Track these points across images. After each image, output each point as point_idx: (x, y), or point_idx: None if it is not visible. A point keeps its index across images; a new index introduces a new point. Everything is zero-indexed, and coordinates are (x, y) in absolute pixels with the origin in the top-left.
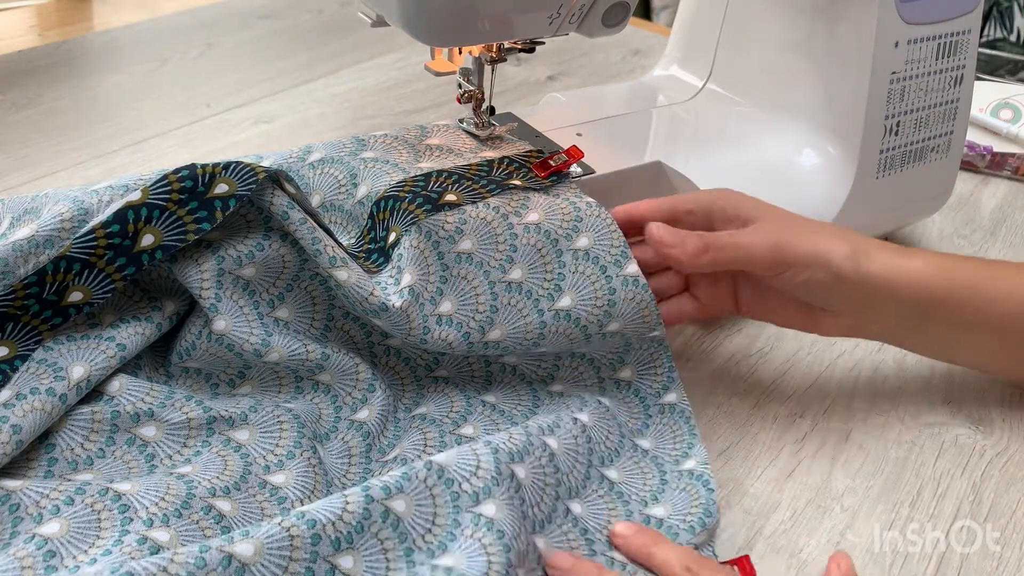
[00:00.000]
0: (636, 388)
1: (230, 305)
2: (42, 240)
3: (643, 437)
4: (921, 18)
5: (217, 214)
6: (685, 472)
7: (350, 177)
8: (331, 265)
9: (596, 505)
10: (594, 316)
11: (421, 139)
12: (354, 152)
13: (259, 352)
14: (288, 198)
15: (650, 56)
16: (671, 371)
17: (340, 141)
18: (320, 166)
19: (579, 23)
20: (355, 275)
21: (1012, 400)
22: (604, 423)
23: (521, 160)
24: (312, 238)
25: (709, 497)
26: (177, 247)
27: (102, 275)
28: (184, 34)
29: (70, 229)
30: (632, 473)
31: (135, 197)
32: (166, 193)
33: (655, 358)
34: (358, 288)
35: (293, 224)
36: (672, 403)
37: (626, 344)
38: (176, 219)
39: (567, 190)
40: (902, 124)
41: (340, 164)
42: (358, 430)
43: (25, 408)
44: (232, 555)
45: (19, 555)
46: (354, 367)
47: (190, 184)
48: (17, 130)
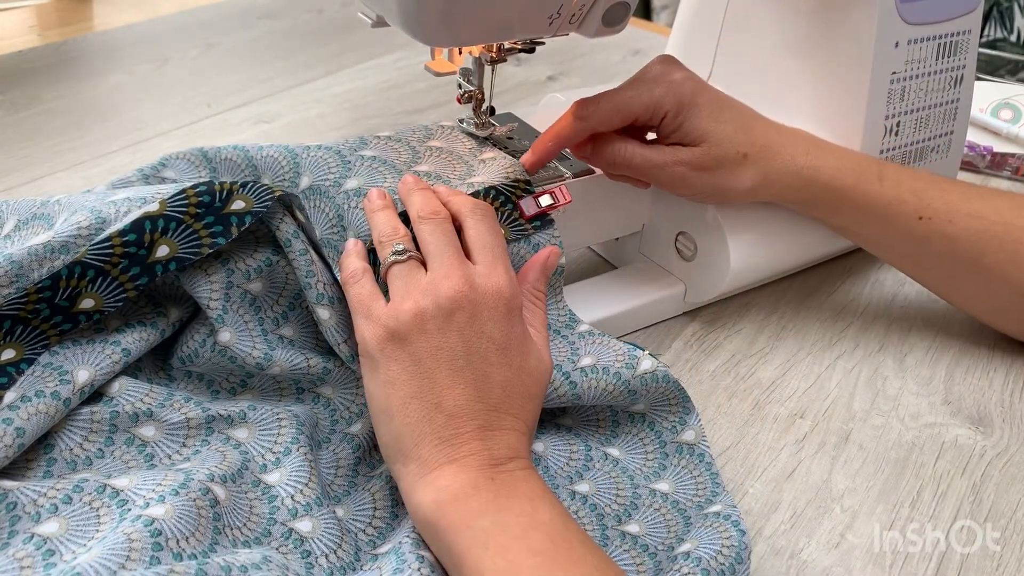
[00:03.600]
0: (651, 421)
1: (235, 319)
2: (58, 246)
3: (660, 480)
4: (921, 18)
5: (233, 229)
6: (711, 514)
7: (338, 217)
8: (316, 301)
9: (623, 562)
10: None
11: (418, 144)
12: (337, 182)
13: (261, 365)
14: (295, 226)
15: (650, 56)
16: (686, 403)
17: (326, 160)
18: (312, 197)
19: (579, 23)
20: (335, 317)
21: (1012, 400)
22: (608, 485)
23: (507, 191)
24: (307, 271)
25: (741, 540)
26: (191, 260)
27: (115, 284)
28: (184, 34)
29: (87, 236)
30: (654, 523)
31: (153, 208)
32: (184, 206)
33: (668, 395)
34: (335, 331)
35: (293, 253)
36: (690, 443)
37: (630, 392)
38: (192, 232)
39: (550, 239)
40: (902, 124)
41: (328, 200)
42: (349, 443)
43: (29, 411)
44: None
45: (18, 555)
46: (355, 381)
47: (208, 199)
48: (17, 130)
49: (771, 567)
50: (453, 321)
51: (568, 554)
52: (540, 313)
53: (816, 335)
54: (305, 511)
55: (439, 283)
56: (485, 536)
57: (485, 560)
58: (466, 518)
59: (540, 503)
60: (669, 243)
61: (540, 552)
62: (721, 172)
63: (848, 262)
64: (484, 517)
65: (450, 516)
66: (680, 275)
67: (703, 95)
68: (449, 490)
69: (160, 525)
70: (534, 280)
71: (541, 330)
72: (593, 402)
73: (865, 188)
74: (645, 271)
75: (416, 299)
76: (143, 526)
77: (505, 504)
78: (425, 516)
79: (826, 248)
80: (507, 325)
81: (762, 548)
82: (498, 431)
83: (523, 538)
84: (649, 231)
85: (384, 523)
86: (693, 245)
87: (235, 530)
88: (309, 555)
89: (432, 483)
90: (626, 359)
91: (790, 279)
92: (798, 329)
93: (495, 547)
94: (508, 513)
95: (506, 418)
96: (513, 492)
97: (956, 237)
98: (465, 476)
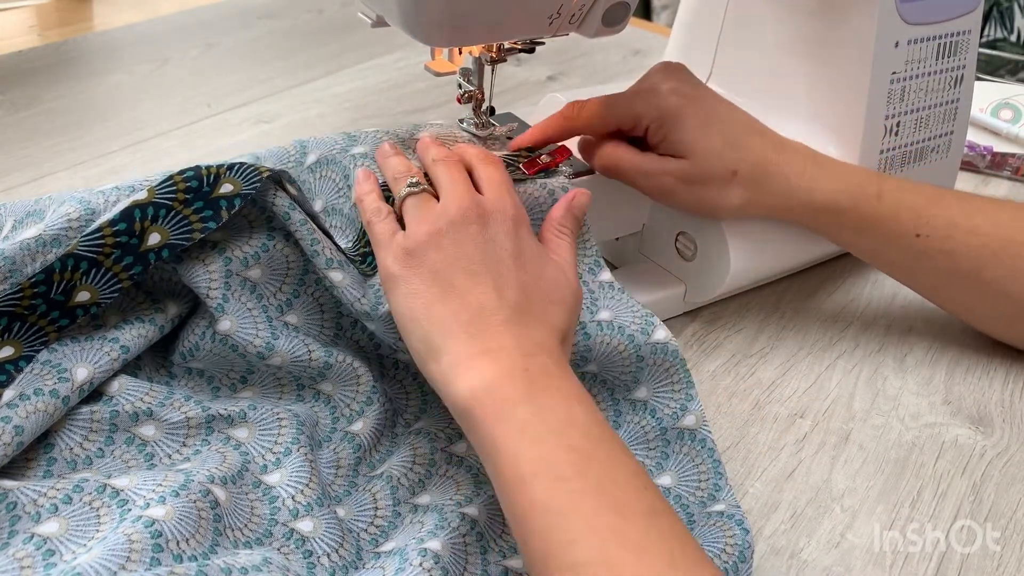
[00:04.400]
0: (652, 408)
1: (237, 306)
2: (49, 239)
3: (663, 472)
4: (921, 18)
5: (223, 213)
6: (715, 513)
7: (344, 178)
8: (327, 266)
9: None
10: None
11: (413, 135)
12: (345, 149)
13: (263, 355)
14: (289, 199)
15: (650, 56)
16: (689, 386)
17: (331, 137)
18: (318, 169)
19: (579, 23)
20: (348, 278)
21: (1012, 400)
22: None
23: (510, 160)
24: (311, 239)
25: (744, 539)
26: (183, 246)
27: (109, 274)
28: (184, 34)
29: (77, 228)
30: None
31: (141, 196)
32: (172, 193)
33: (672, 374)
34: (350, 290)
35: (294, 224)
36: (692, 428)
37: (638, 359)
38: (182, 218)
39: (557, 181)
40: (902, 124)
41: (335, 165)
42: (350, 442)
43: (28, 409)
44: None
45: (18, 555)
46: (356, 378)
47: (195, 184)
48: (17, 130)
49: (771, 567)
50: (466, 233)
51: (606, 454)
52: (565, 245)
53: (816, 335)
54: (306, 511)
55: (450, 206)
56: (521, 425)
57: (523, 448)
58: (502, 407)
59: (576, 404)
60: (669, 243)
61: (577, 449)
62: (708, 188)
63: (848, 262)
64: (520, 407)
65: (486, 404)
66: (680, 275)
67: (690, 108)
68: (484, 379)
69: (160, 526)
70: (559, 216)
71: (567, 259)
72: (600, 359)
73: (862, 209)
74: (645, 271)
75: (431, 221)
76: (143, 527)
77: (541, 399)
78: (462, 405)
79: (826, 248)
80: (515, 236)
81: (762, 548)
82: (523, 327)
83: (560, 434)
84: (649, 231)
85: (386, 522)
86: (693, 245)
87: (236, 531)
88: (311, 555)
89: (466, 373)
90: (643, 323)
91: (790, 279)
92: (798, 329)
93: (532, 437)
94: (544, 408)
95: (529, 317)
96: (548, 387)
97: (954, 253)
98: (498, 365)
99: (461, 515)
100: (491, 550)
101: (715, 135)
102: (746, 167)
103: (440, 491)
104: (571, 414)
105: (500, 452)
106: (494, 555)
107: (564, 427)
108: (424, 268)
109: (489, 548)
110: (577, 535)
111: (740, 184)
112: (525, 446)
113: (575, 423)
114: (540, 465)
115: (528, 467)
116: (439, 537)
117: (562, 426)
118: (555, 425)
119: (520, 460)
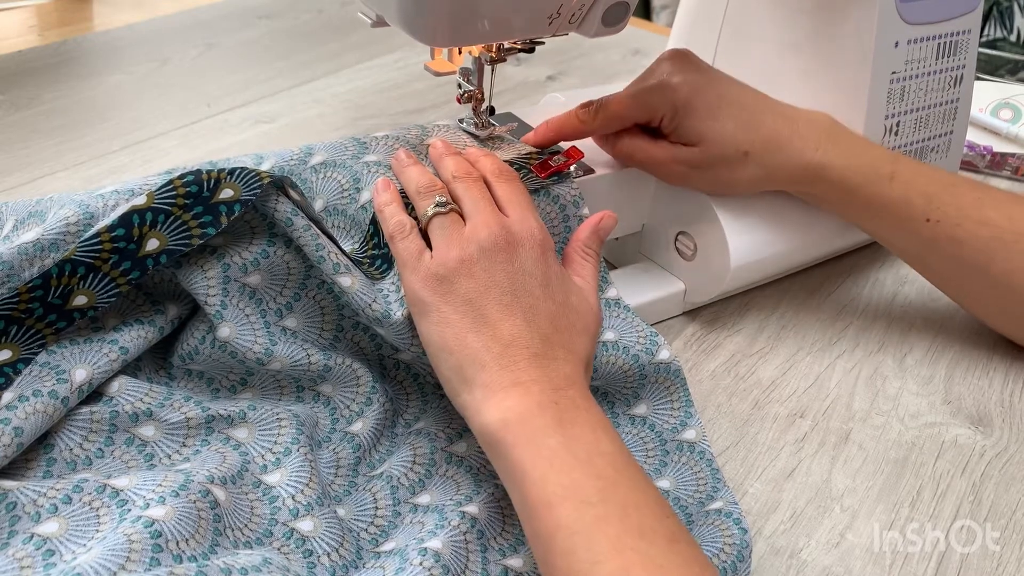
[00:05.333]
0: (652, 423)
1: (236, 312)
2: (47, 243)
3: (662, 477)
4: (921, 18)
5: (222, 219)
6: (713, 511)
7: (353, 181)
8: (335, 272)
9: None
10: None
11: (422, 139)
12: (356, 155)
13: (262, 361)
14: (292, 204)
15: (650, 56)
16: (688, 404)
17: (341, 142)
18: (323, 170)
19: (579, 23)
20: (358, 282)
21: (1012, 400)
22: None
23: (521, 162)
24: (316, 244)
25: (743, 538)
26: (182, 252)
27: (107, 279)
28: (184, 34)
29: (75, 233)
30: None
31: (140, 201)
32: (171, 198)
33: (671, 392)
34: (361, 295)
35: (297, 230)
36: (691, 441)
37: (641, 377)
38: (181, 224)
39: (568, 189)
40: (902, 124)
41: (343, 168)
42: (350, 442)
43: (27, 410)
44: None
45: (18, 555)
46: (355, 379)
47: (195, 189)
48: (17, 130)
49: (771, 567)
50: (496, 262)
51: (631, 482)
52: (590, 267)
53: (816, 335)
54: (306, 511)
55: (479, 231)
56: (551, 453)
57: (551, 475)
58: (532, 435)
59: (603, 434)
60: (669, 243)
61: (603, 477)
62: (720, 170)
63: (848, 262)
64: (550, 437)
65: (516, 433)
66: (680, 275)
67: (700, 96)
68: (515, 410)
69: (160, 526)
70: (585, 238)
71: (590, 282)
72: (605, 378)
73: (873, 188)
74: (645, 271)
75: (461, 247)
76: (143, 527)
77: (570, 430)
78: (491, 434)
79: (827, 248)
80: (544, 264)
81: (762, 548)
82: (553, 360)
83: (588, 463)
84: (649, 231)
85: (387, 522)
86: (693, 245)
87: (236, 531)
88: (311, 554)
89: (498, 404)
90: (647, 343)
91: (790, 279)
92: (798, 329)
93: (560, 465)
94: (572, 438)
95: (558, 349)
96: (576, 420)
97: (964, 241)
98: (530, 399)
99: (461, 513)
100: (491, 548)
101: (726, 120)
102: (758, 146)
103: (440, 491)
104: (598, 444)
105: (528, 476)
106: (494, 554)
107: (591, 456)
108: (456, 296)
109: (489, 547)
110: (601, 556)
111: (752, 163)
112: (553, 472)
113: (602, 452)
114: (567, 490)
115: (555, 491)
116: (439, 536)
117: (589, 455)
118: (582, 454)
119: (547, 484)
